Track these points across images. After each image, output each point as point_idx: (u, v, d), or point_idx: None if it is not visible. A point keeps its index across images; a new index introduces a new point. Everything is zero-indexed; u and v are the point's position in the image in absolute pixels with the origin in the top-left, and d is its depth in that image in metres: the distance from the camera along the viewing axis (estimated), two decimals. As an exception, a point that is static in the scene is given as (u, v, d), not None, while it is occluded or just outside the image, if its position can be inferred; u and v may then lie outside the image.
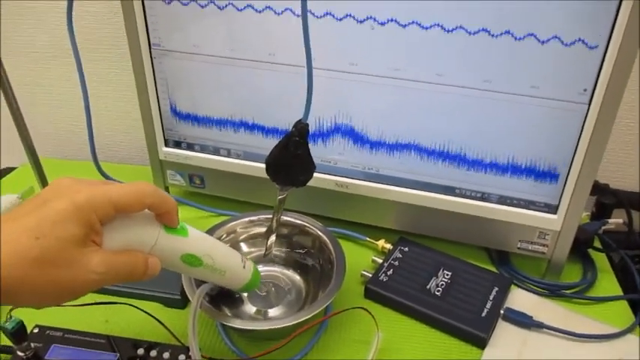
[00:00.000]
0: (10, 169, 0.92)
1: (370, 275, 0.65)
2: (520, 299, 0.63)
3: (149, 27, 0.66)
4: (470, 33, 0.56)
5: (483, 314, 0.60)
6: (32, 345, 0.52)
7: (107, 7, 0.82)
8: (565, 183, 0.61)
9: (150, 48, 0.67)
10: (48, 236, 0.38)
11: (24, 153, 0.72)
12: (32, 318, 0.55)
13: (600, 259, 0.71)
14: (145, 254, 0.44)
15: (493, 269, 0.69)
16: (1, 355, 0.55)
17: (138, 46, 0.67)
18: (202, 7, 0.63)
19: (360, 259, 0.69)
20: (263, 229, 0.66)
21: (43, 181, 0.74)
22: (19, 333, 0.50)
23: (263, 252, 0.62)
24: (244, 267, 0.54)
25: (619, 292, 0.66)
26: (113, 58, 0.87)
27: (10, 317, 0.50)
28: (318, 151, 0.67)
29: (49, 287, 0.39)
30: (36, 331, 0.56)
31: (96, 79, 0.72)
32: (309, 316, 0.53)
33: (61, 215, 0.39)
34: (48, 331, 0.56)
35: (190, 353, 0.49)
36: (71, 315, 0.56)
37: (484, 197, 0.65)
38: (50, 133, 0.97)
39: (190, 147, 0.74)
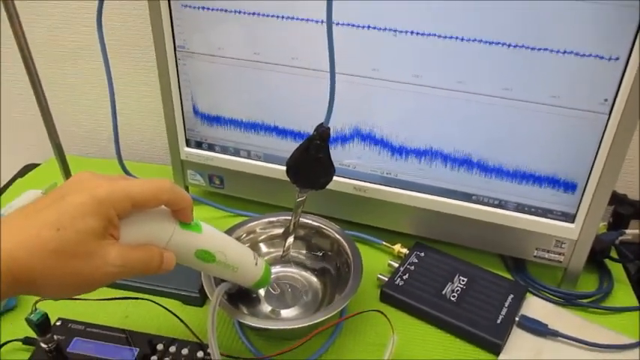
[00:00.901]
0: (32, 166, 0.94)
1: (386, 279, 0.65)
2: (535, 307, 0.63)
3: (175, 29, 0.67)
4: (491, 43, 0.56)
5: (498, 321, 0.60)
6: (55, 337, 0.54)
7: (132, 7, 0.84)
8: (583, 192, 0.61)
9: (175, 50, 0.69)
10: (68, 229, 0.39)
11: (44, 150, 0.73)
12: (55, 311, 0.57)
13: (617, 270, 0.71)
14: (160, 249, 0.45)
15: (509, 276, 0.69)
16: (24, 346, 0.56)
17: (163, 48, 0.68)
18: (228, 12, 0.64)
19: (376, 262, 0.69)
20: (282, 231, 0.67)
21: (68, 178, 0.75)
22: (43, 325, 0.51)
23: (281, 253, 0.63)
24: (256, 264, 0.55)
25: (635, 303, 0.66)
26: (136, 59, 0.88)
27: (35, 309, 0.51)
28: (336, 154, 0.68)
29: (68, 279, 0.40)
30: (59, 323, 0.57)
31: (118, 79, 0.73)
32: (325, 318, 0.54)
33: (81, 209, 0.39)
34: (70, 324, 0.57)
35: (209, 350, 0.49)
36: (93, 309, 0.58)
37: (501, 204, 0.65)
38: (72, 131, 0.98)
39: (211, 148, 0.75)
